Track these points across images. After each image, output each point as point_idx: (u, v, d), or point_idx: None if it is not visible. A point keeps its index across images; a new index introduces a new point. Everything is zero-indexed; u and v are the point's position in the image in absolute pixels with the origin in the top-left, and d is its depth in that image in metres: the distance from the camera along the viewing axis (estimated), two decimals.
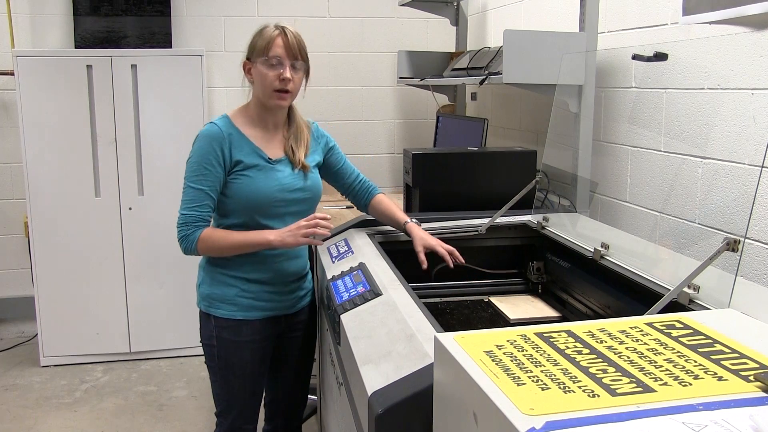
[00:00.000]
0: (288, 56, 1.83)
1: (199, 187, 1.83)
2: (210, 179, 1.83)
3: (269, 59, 1.82)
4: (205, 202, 1.83)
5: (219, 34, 3.99)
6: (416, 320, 1.37)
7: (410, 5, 3.67)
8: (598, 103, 2.48)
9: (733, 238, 1.32)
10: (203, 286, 1.96)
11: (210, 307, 1.93)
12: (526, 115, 3.28)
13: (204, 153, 1.84)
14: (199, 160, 1.84)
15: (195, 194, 1.83)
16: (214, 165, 1.83)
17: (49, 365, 3.54)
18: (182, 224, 1.84)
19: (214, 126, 1.88)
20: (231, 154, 1.85)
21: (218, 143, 1.84)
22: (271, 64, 1.82)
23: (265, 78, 1.84)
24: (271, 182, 1.87)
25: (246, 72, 1.91)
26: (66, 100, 3.37)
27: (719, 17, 1.90)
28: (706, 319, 1.12)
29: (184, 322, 3.60)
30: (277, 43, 1.82)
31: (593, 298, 1.88)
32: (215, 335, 1.93)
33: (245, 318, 1.92)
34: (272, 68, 1.83)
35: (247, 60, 1.89)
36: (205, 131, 1.88)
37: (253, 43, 1.87)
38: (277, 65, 1.83)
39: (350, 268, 1.81)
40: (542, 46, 2.31)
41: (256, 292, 1.93)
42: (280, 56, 1.82)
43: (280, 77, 1.83)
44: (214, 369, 1.97)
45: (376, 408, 1.13)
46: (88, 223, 3.47)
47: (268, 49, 1.82)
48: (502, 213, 2.18)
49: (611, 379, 0.89)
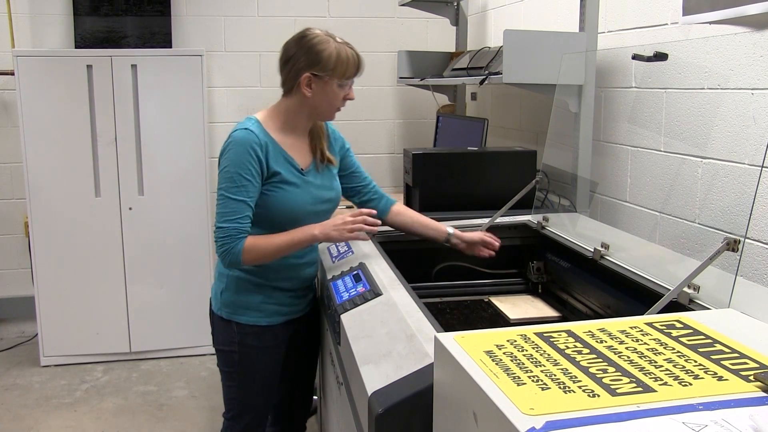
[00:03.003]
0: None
1: (240, 198, 1.75)
2: (249, 190, 1.76)
3: (346, 80, 1.81)
4: (246, 213, 1.76)
5: (219, 34, 3.99)
6: (416, 320, 1.37)
7: (410, 5, 3.67)
8: (598, 103, 2.48)
9: (733, 238, 1.32)
10: (227, 293, 1.92)
11: (233, 314, 1.91)
12: (526, 115, 3.28)
13: (242, 162, 1.75)
14: (237, 170, 1.75)
15: (235, 206, 1.75)
16: (253, 175, 1.76)
17: (49, 365, 3.54)
18: (224, 237, 1.75)
19: (250, 133, 1.79)
20: (268, 164, 1.79)
21: (255, 152, 1.77)
22: (343, 84, 1.81)
23: (334, 97, 1.82)
24: (305, 197, 1.85)
25: (303, 84, 1.79)
26: (66, 100, 3.37)
27: (719, 17, 1.90)
28: (706, 319, 1.12)
29: (184, 322, 3.60)
30: (355, 65, 1.81)
31: (593, 298, 1.88)
32: (237, 341, 1.91)
33: (269, 324, 1.92)
34: (342, 88, 1.82)
35: (313, 75, 1.78)
36: (241, 138, 1.78)
37: (324, 59, 1.77)
38: (347, 86, 1.83)
39: (350, 268, 1.81)
40: (542, 46, 2.31)
41: (279, 299, 1.93)
42: (352, 77, 1.83)
43: (347, 97, 1.83)
44: (231, 374, 1.96)
45: (376, 408, 1.13)
46: (88, 223, 3.46)
47: (350, 72, 1.80)
48: (502, 213, 2.18)
49: (611, 379, 0.89)
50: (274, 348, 1.96)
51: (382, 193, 2.08)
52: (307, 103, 1.83)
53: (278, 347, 1.97)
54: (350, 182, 2.05)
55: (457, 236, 2.00)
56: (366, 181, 2.07)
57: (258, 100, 4.01)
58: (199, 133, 3.49)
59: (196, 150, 3.49)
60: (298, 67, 1.79)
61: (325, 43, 1.78)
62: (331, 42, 1.79)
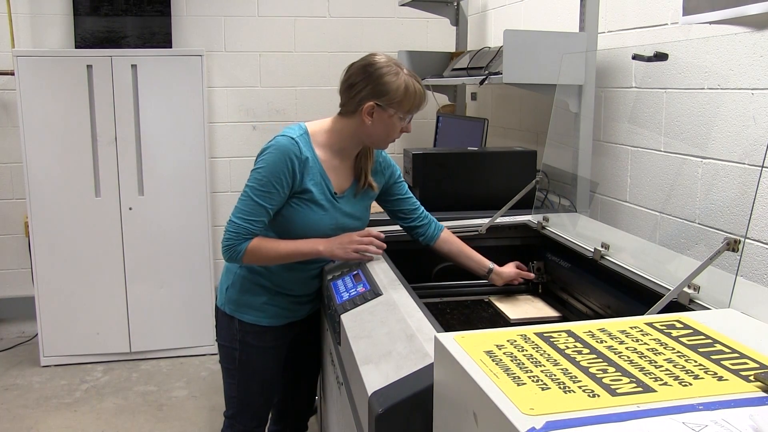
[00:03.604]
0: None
1: (262, 203, 1.74)
2: (275, 198, 1.75)
3: (408, 115, 1.78)
4: (262, 218, 1.76)
5: (219, 34, 3.98)
6: (416, 320, 1.37)
7: (410, 5, 3.67)
8: (598, 103, 2.48)
9: (733, 238, 1.32)
10: (232, 290, 1.93)
11: (236, 311, 1.92)
12: (526, 115, 3.28)
13: (277, 170, 1.74)
14: (269, 176, 1.74)
15: (255, 208, 1.75)
16: (283, 185, 1.75)
17: (49, 365, 3.54)
18: (233, 232, 1.75)
19: (293, 143, 1.77)
20: (302, 179, 1.77)
21: (292, 163, 1.75)
22: (404, 118, 1.78)
23: (393, 129, 1.79)
24: (329, 221, 1.84)
25: (365, 112, 1.75)
26: (66, 100, 3.37)
27: (719, 17, 1.90)
28: (706, 319, 1.12)
29: (184, 322, 3.60)
30: (421, 100, 1.78)
31: (593, 298, 1.88)
32: (239, 339, 1.93)
33: (270, 324, 1.93)
34: (403, 122, 1.79)
35: (377, 105, 1.74)
36: (283, 146, 1.76)
37: (391, 91, 1.74)
38: (408, 120, 1.80)
39: (350, 268, 1.81)
40: (542, 46, 2.31)
41: (282, 303, 1.94)
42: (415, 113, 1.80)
43: (404, 130, 1.81)
44: (232, 372, 1.97)
45: (376, 408, 1.13)
46: (88, 223, 3.46)
47: (414, 107, 1.78)
48: (502, 213, 2.18)
49: (611, 379, 0.89)
50: (275, 349, 1.97)
51: (431, 219, 2.04)
52: (364, 130, 1.80)
53: (279, 348, 1.98)
54: (398, 207, 2.02)
55: (497, 272, 2.01)
56: (414, 206, 2.03)
57: (258, 100, 4.02)
58: (199, 134, 3.49)
59: (196, 150, 3.49)
60: (362, 95, 1.75)
61: (393, 75, 1.74)
62: (400, 74, 1.74)
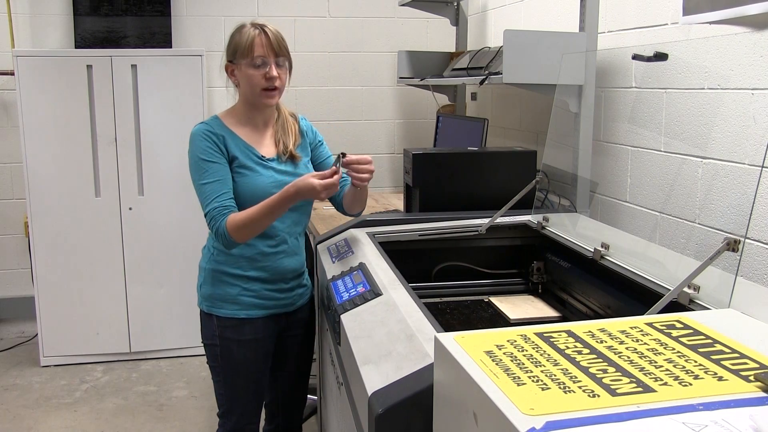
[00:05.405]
0: (271, 54, 1.84)
1: (210, 180, 1.82)
2: (217, 170, 1.82)
3: (254, 60, 1.83)
4: (222, 191, 1.82)
5: (219, 34, 3.98)
6: (416, 320, 1.37)
7: (410, 5, 3.67)
8: (598, 103, 2.48)
9: (733, 238, 1.32)
10: (204, 286, 1.96)
11: (212, 307, 1.94)
12: (526, 115, 3.28)
13: (203, 149, 1.84)
14: (197, 157, 1.84)
15: (209, 188, 1.82)
16: (216, 156, 1.83)
17: (49, 365, 3.54)
18: (210, 220, 1.81)
19: (205, 124, 1.89)
20: (227, 148, 1.86)
21: (210, 138, 1.84)
22: (256, 64, 1.83)
23: (251, 79, 1.85)
24: (266, 179, 1.88)
25: (229, 74, 1.90)
26: (66, 100, 3.37)
27: (719, 17, 1.90)
28: (706, 319, 1.12)
29: (184, 322, 3.60)
30: (259, 42, 1.83)
31: (593, 298, 1.88)
32: (218, 335, 1.94)
33: (248, 317, 1.93)
34: (258, 69, 1.83)
35: (230, 63, 1.89)
36: (198, 129, 1.88)
37: (233, 45, 1.87)
38: (262, 65, 1.83)
39: (350, 268, 1.81)
40: (542, 46, 2.31)
41: (257, 291, 1.94)
42: (263, 56, 1.83)
43: (267, 76, 1.83)
44: (216, 369, 1.98)
45: (376, 408, 1.13)
46: (88, 223, 3.46)
47: (251, 49, 1.82)
48: (502, 213, 2.18)
49: (611, 379, 0.89)
50: (256, 342, 1.95)
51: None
52: (240, 92, 1.92)
53: (261, 341, 1.96)
54: (323, 170, 2.01)
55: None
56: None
57: None
58: None
59: None
60: (223, 63, 1.91)
61: (236, 30, 1.87)
62: (243, 29, 1.85)
